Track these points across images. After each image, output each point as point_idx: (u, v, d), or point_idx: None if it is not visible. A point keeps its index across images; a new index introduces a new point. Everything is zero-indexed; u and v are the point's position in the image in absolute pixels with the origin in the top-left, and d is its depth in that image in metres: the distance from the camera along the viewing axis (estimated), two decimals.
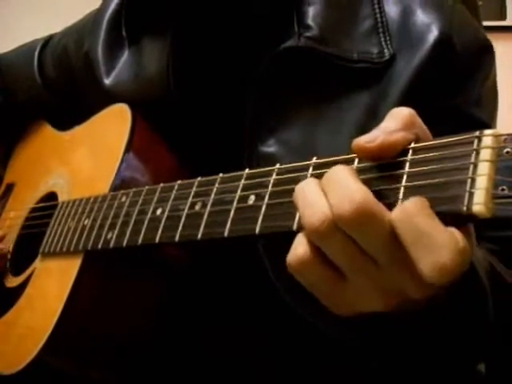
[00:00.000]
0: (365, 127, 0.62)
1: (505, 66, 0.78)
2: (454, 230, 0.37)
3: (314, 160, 0.47)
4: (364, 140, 0.42)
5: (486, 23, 0.74)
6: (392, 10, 0.66)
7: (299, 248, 0.42)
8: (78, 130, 0.86)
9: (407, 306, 0.42)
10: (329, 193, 0.41)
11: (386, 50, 0.64)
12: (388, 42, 0.65)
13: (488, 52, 0.68)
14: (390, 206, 0.40)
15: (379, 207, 0.39)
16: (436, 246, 0.37)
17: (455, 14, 0.65)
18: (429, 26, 0.64)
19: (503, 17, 2.09)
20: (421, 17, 0.65)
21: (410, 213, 0.38)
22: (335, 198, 0.40)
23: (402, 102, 0.61)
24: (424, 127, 0.43)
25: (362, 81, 0.64)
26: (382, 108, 0.62)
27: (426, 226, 0.37)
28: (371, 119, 0.62)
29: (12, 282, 0.80)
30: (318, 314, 0.56)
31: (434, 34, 0.63)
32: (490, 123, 0.68)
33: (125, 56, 0.79)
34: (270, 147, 0.65)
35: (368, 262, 0.40)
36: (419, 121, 0.43)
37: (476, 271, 0.50)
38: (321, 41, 0.64)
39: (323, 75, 0.65)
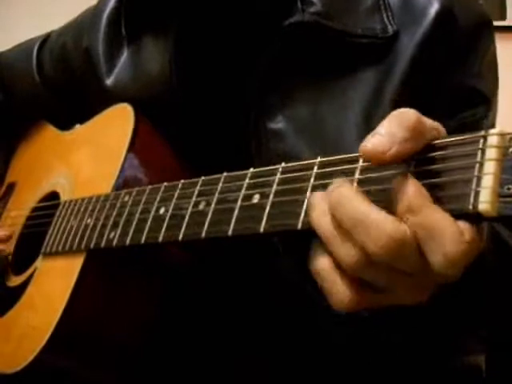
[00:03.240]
0: (370, 103, 0.63)
1: (505, 65, 0.78)
2: (460, 222, 0.37)
3: (319, 159, 0.47)
4: (377, 148, 0.40)
5: None
6: None
7: (344, 296, 0.41)
8: (81, 130, 0.85)
9: None
10: (354, 232, 0.40)
11: (389, 26, 0.65)
12: (390, 19, 0.65)
13: (488, 26, 0.69)
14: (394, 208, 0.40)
15: (405, 231, 0.38)
16: (445, 240, 0.37)
17: None
18: (430, 1, 0.64)
19: (503, 17, 2.10)
20: None
21: (416, 210, 0.38)
22: (364, 237, 0.39)
23: (406, 78, 0.62)
24: (435, 126, 0.42)
25: (366, 57, 0.64)
26: (387, 84, 0.63)
27: (433, 221, 0.37)
28: (376, 96, 0.63)
29: (13, 281, 0.80)
30: None
31: (435, 8, 0.64)
32: (490, 97, 0.68)
33: (125, 55, 0.78)
34: (278, 123, 0.65)
35: (405, 276, 0.40)
36: (428, 125, 0.41)
37: None
38: (325, 16, 0.65)
39: (328, 51, 0.65)
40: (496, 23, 0.73)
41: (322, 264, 0.42)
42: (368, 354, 0.66)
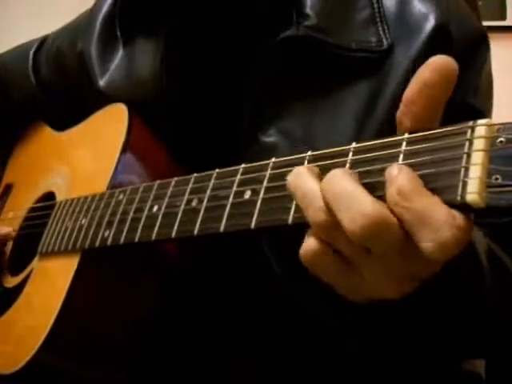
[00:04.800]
0: (363, 117, 0.62)
1: (505, 65, 0.78)
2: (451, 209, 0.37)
3: (309, 153, 0.47)
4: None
5: (486, 23, 0.74)
6: (389, 0, 0.67)
7: (311, 241, 0.42)
8: (76, 130, 0.86)
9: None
10: (335, 208, 0.40)
11: (384, 40, 0.64)
12: (386, 32, 0.65)
13: (484, 41, 0.68)
14: (383, 198, 0.40)
15: (387, 215, 0.38)
16: (436, 224, 0.37)
17: (451, 4, 0.66)
18: (425, 16, 0.64)
19: (503, 17, 2.09)
20: (417, 6, 0.65)
21: (407, 194, 0.38)
22: (343, 214, 0.39)
23: (400, 92, 0.61)
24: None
25: (360, 70, 0.64)
26: (380, 98, 0.62)
27: (423, 206, 0.37)
28: (369, 110, 0.62)
29: (10, 282, 0.80)
30: (322, 301, 0.56)
31: (430, 23, 0.63)
32: (486, 113, 0.67)
33: (119, 57, 0.79)
34: (271, 137, 0.65)
35: (378, 257, 0.40)
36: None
37: (474, 248, 0.50)
38: (319, 30, 0.64)
39: (322, 65, 0.65)
40: (496, 23, 0.73)
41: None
42: (363, 356, 0.66)
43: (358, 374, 0.67)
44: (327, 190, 0.41)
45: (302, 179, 0.43)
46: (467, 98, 0.65)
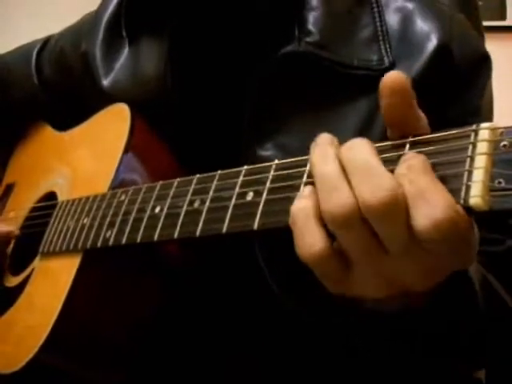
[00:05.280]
0: (362, 135, 0.62)
1: (505, 65, 0.78)
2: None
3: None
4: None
5: (485, 23, 0.74)
6: (392, 18, 0.67)
7: (315, 242, 0.41)
8: (78, 130, 0.86)
9: (405, 300, 0.42)
10: (354, 178, 0.40)
11: (385, 58, 0.64)
12: (388, 50, 0.65)
13: (486, 62, 0.68)
14: None
15: (401, 193, 0.38)
16: (433, 202, 0.37)
17: (454, 24, 0.66)
18: (428, 35, 0.64)
19: (503, 17, 2.09)
20: (420, 26, 0.65)
21: (416, 170, 0.38)
22: (363, 185, 0.39)
23: None
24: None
25: (361, 88, 0.64)
26: (379, 116, 0.62)
27: (427, 184, 0.38)
28: (367, 127, 0.63)
29: (11, 281, 0.80)
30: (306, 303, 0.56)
31: (433, 43, 0.64)
32: None
33: (123, 57, 0.79)
34: (268, 151, 0.65)
35: (380, 252, 0.40)
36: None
37: (468, 276, 0.50)
38: (321, 46, 0.65)
39: (322, 81, 0.65)
40: (496, 23, 0.73)
41: (304, 203, 0.42)
42: (362, 360, 0.66)
43: (361, 374, 0.67)
44: (348, 159, 0.40)
45: (324, 162, 0.42)
46: (468, 118, 0.65)
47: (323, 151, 0.42)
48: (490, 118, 0.70)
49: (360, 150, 0.40)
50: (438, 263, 0.40)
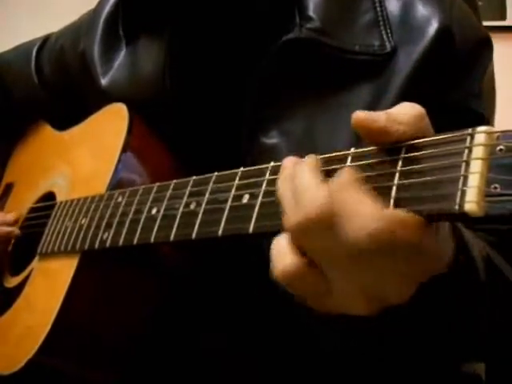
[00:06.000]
0: None
1: (505, 65, 0.78)
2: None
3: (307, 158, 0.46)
4: (367, 118, 0.41)
5: (486, 23, 0.73)
6: (392, 3, 0.66)
7: (286, 260, 0.42)
8: (76, 130, 0.86)
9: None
10: (296, 196, 0.41)
11: (387, 43, 0.64)
12: (389, 35, 0.64)
13: (487, 45, 0.68)
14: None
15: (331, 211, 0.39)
16: (363, 214, 0.37)
17: (455, 8, 0.65)
18: (429, 19, 0.64)
19: (503, 17, 2.08)
20: (421, 10, 0.65)
21: (344, 185, 0.39)
22: (298, 203, 0.41)
23: (402, 96, 0.61)
24: (431, 130, 0.41)
25: (363, 74, 0.64)
26: (382, 101, 0.62)
27: (354, 197, 0.38)
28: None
29: (10, 282, 0.80)
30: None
31: (433, 26, 0.63)
32: (488, 117, 0.67)
33: (121, 56, 0.78)
34: (272, 138, 0.65)
35: (345, 260, 0.40)
36: (426, 123, 0.41)
37: (473, 266, 0.49)
38: (322, 32, 0.64)
39: (325, 67, 0.64)
40: (496, 23, 0.72)
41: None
42: (360, 359, 0.65)
43: (358, 376, 0.67)
44: (295, 183, 0.42)
45: (282, 183, 0.44)
46: (469, 102, 0.65)
47: (284, 175, 0.44)
48: (490, 102, 0.69)
49: (302, 173, 0.42)
50: (394, 275, 0.39)
